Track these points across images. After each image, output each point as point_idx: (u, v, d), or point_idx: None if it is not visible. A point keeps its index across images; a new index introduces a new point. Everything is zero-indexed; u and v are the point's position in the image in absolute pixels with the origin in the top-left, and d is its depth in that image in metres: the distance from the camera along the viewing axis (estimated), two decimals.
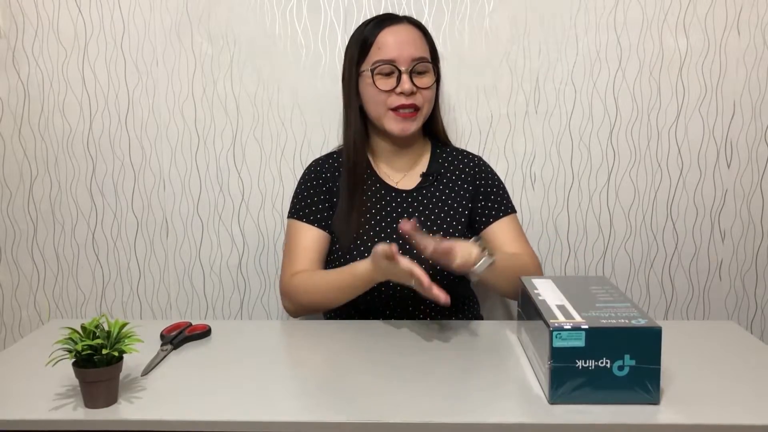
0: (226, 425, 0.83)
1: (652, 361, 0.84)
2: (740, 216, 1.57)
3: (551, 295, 0.98)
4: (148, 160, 1.58)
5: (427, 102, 1.28)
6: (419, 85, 1.25)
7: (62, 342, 0.86)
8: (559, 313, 0.89)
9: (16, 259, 1.64)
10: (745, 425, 0.81)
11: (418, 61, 1.25)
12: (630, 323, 0.85)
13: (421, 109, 1.27)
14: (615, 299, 0.95)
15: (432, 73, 1.28)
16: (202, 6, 1.51)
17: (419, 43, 1.27)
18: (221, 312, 1.65)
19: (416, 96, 1.26)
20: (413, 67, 1.25)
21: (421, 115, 1.29)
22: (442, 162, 1.36)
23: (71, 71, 1.55)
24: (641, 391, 0.84)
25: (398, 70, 1.24)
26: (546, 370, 0.85)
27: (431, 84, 1.27)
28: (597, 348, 0.83)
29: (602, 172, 1.56)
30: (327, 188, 1.32)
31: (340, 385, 0.93)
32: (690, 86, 1.51)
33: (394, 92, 1.25)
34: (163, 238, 1.62)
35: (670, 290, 1.61)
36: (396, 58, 1.24)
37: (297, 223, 1.31)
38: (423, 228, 1.27)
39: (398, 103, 1.25)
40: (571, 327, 0.83)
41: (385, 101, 1.25)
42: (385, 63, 1.24)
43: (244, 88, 1.54)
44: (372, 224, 1.28)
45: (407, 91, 1.24)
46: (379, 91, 1.25)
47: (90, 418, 0.84)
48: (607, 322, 0.85)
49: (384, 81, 1.25)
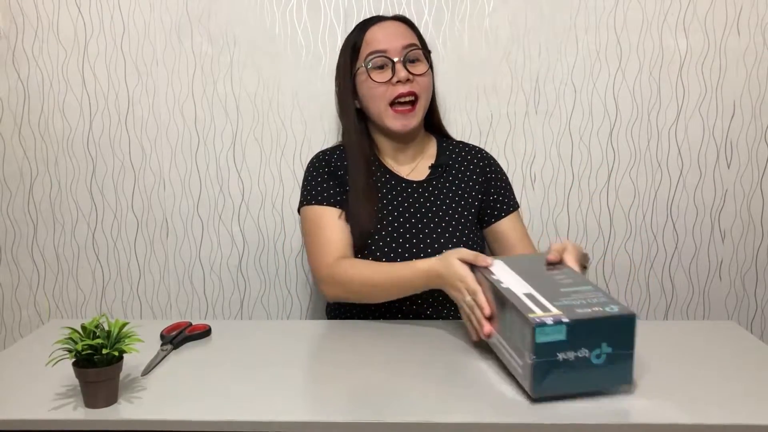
0: (226, 425, 0.83)
1: (627, 347, 0.85)
2: (740, 216, 1.57)
3: (512, 281, 0.95)
4: (148, 160, 1.58)
5: (424, 90, 1.28)
6: (414, 72, 1.26)
7: (62, 342, 0.86)
8: (533, 305, 0.87)
9: (16, 259, 1.64)
10: (745, 425, 0.81)
11: (409, 48, 1.26)
12: (605, 311, 0.85)
13: (420, 98, 1.27)
14: (575, 282, 0.94)
15: (425, 61, 1.28)
16: (202, 6, 1.51)
17: (407, 33, 1.29)
18: (221, 312, 1.65)
19: (413, 84, 1.26)
20: (406, 55, 1.25)
21: (421, 107, 1.28)
22: (450, 154, 1.36)
23: (71, 71, 1.55)
24: (617, 377, 0.85)
25: (391, 61, 1.25)
26: (528, 365, 0.84)
27: (426, 70, 1.28)
28: (577, 339, 0.83)
29: (602, 172, 1.56)
30: (338, 175, 1.31)
31: (340, 385, 0.93)
32: (690, 86, 1.51)
33: (391, 83, 1.25)
34: (163, 238, 1.62)
35: (670, 290, 1.61)
36: (387, 49, 1.25)
37: (316, 208, 1.27)
38: (435, 219, 1.28)
39: (397, 93, 1.25)
40: (553, 322, 0.82)
41: (384, 95, 1.26)
42: (377, 54, 1.25)
43: (244, 88, 1.54)
44: (386, 215, 1.28)
45: (403, 78, 1.24)
46: (376, 84, 1.25)
47: (90, 418, 0.84)
48: (583, 312, 0.84)
49: (379, 74, 1.26)
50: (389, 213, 1.28)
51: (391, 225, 1.27)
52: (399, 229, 1.26)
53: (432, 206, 1.30)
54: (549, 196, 1.57)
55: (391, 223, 1.27)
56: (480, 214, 1.34)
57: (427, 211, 1.29)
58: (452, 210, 1.30)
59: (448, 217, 1.29)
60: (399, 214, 1.28)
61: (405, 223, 1.27)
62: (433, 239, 1.26)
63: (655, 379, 0.93)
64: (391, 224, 1.27)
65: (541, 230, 1.59)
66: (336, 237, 1.24)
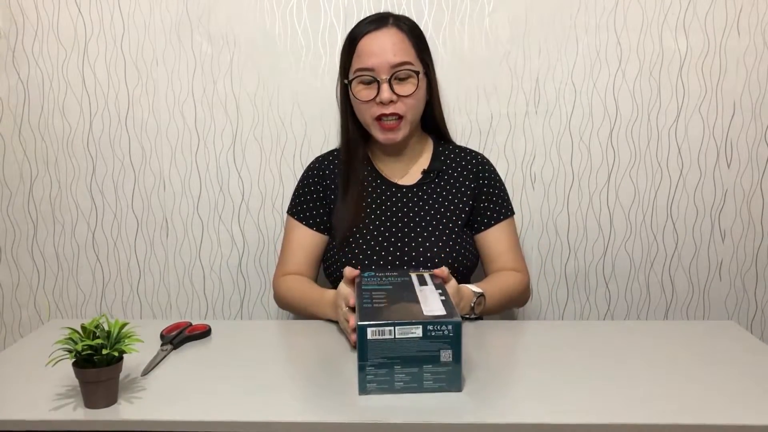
0: (226, 425, 0.83)
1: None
2: (740, 216, 1.57)
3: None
4: (148, 160, 1.58)
5: (410, 109, 1.25)
6: (400, 93, 1.22)
7: (62, 342, 0.86)
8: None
9: (16, 259, 1.64)
10: (745, 425, 0.81)
11: (398, 67, 1.22)
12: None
13: (405, 117, 1.25)
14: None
15: (415, 79, 1.24)
16: (202, 6, 1.51)
17: (400, 47, 1.23)
18: (221, 312, 1.65)
19: (397, 104, 1.23)
20: (393, 75, 1.22)
21: (407, 123, 1.26)
22: (444, 159, 1.36)
23: (71, 71, 1.55)
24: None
25: (377, 80, 1.22)
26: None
27: (413, 91, 1.24)
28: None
29: (602, 172, 1.56)
30: (325, 185, 1.33)
31: (341, 385, 0.93)
32: (690, 86, 1.51)
33: (375, 102, 1.23)
34: (163, 238, 1.62)
35: (670, 290, 1.61)
36: (375, 67, 1.22)
37: (293, 221, 1.34)
38: (422, 224, 1.28)
39: (380, 113, 1.23)
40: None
41: (369, 110, 1.24)
42: (364, 72, 1.23)
43: (244, 88, 1.54)
44: (372, 218, 1.28)
45: (386, 100, 1.21)
46: (360, 101, 1.25)
47: (90, 418, 0.84)
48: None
49: (365, 91, 1.24)
50: (377, 217, 1.29)
51: (378, 229, 1.27)
52: (385, 233, 1.27)
53: (420, 211, 1.29)
54: (549, 196, 1.57)
55: (378, 227, 1.27)
56: (470, 221, 1.33)
57: (414, 216, 1.29)
58: (440, 215, 1.29)
59: (435, 222, 1.28)
60: (386, 219, 1.28)
61: (392, 227, 1.27)
62: (419, 243, 1.25)
63: (655, 379, 0.93)
64: (377, 228, 1.27)
65: (541, 230, 1.59)
66: (295, 255, 1.33)
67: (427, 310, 0.91)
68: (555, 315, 1.63)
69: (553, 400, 0.87)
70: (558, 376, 0.95)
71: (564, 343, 1.10)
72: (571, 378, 0.94)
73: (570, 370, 0.97)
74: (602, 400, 0.86)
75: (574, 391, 0.90)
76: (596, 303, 1.62)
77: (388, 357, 0.87)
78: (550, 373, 0.96)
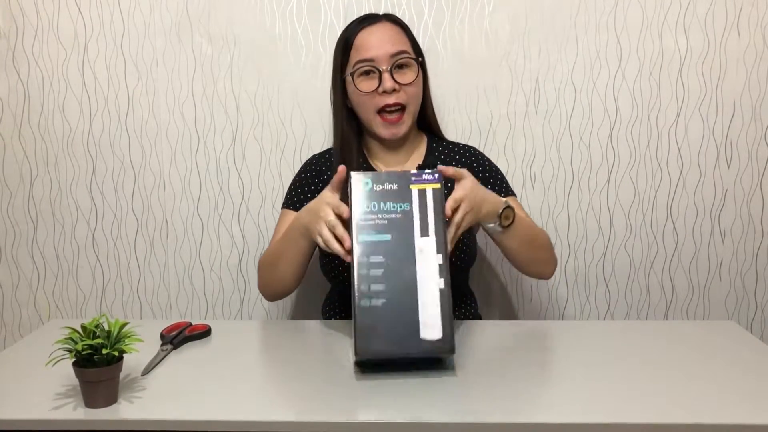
0: (226, 425, 0.83)
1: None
2: (740, 216, 1.57)
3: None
4: (148, 160, 1.58)
5: (413, 99, 1.26)
6: (401, 82, 1.23)
7: (62, 342, 0.86)
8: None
9: (16, 259, 1.64)
10: (745, 425, 0.81)
11: (398, 56, 1.23)
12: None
13: (408, 107, 1.26)
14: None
15: (415, 67, 1.26)
16: (202, 6, 1.51)
17: (397, 38, 1.26)
18: (221, 312, 1.65)
19: (400, 94, 1.24)
20: (393, 64, 1.23)
21: (409, 115, 1.27)
22: (438, 155, 1.36)
23: (71, 71, 1.55)
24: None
25: (378, 70, 1.23)
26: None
27: (414, 79, 1.25)
28: None
29: (602, 172, 1.56)
30: (321, 180, 1.33)
31: (340, 385, 0.93)
32: (690, 86, 1.51)
33: (377, 92, 1.24)
34: (163, 238, 1.62)
35: (670, 290, 1.61)
36: (375, 57, 1.23)
37: (287, 212, 1.32)
38: None
39: (383, 103, 1.24)
40: None
41: (371, 103, 1.25)
42: (364, 63, 1.23)
43: (244, 88, 1.54)
44: None
45: (389, 89, 1.22)
46: (363, 93, 1.25)
47: (90, 418, 0.84)
48: None
49: (366, 82, 1.24)
50: None
51: None
52: None
53: None
54: (549, 196, 1.57)
55: None
56: None
57: None
58: None
59: None
60: None
61: None
62: None
63: (654, 379, 0.93)
64: None
65: None
66: None
67: (425, 330, 0.93)
68: (555, 315, 1.63)
69: (553, 400, 0.87)
70: (558, 376, 0.95)
71: (564, 343, 1.10)
72: (571, 378, 0.94)
73: (570, 370, 0.97)
74: (602, 400, 0.87)
75: (574, 390, 0.90)
76: (596, 303, 1.62)
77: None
78: (550, 373, 0.96)
